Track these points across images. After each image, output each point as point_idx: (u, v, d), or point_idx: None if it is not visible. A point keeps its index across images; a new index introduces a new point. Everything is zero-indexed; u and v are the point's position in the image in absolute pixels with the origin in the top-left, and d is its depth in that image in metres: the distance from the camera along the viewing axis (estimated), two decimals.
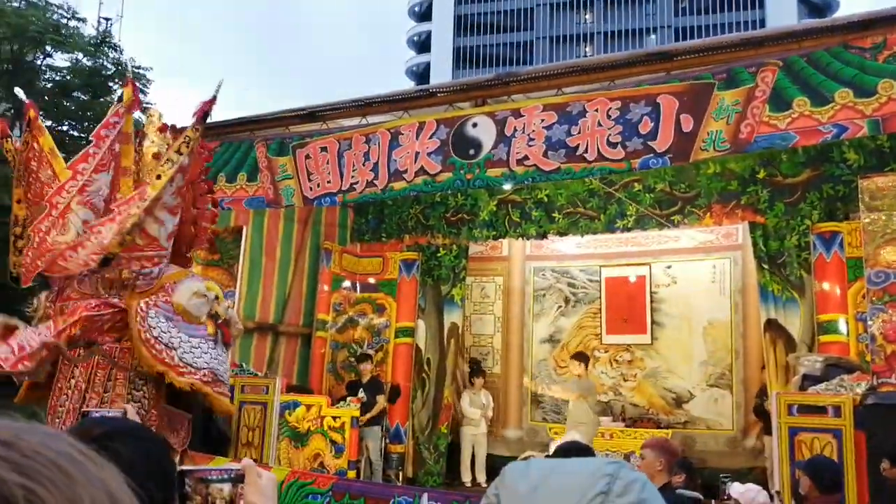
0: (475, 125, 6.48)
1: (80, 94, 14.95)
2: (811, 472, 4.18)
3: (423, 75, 56.31)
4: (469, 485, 9.29)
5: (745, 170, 7.97)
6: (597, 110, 5.92)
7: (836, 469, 4.46)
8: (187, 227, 3.92)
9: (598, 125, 5.89)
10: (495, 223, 9.47)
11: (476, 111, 6.65)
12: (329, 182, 7.10)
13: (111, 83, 15.18)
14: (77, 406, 3.54)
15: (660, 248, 9.95)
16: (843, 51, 5.24)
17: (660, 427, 9.23)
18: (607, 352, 10.11)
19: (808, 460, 4.76)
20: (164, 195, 3.83)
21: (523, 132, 6.19)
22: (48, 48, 14.36)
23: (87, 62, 14.93)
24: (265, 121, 7.98)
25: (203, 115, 4.01)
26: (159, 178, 3.85)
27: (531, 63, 49.57)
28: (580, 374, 9.04)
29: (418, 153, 6.66)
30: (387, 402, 8.97)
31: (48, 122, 13.57)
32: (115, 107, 4.24)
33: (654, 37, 52.12)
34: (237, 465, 1.50)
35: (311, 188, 7.21)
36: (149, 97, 15.25)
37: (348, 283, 9.88)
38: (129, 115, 4.11)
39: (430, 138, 6.64)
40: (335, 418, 7.99)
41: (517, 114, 6.28)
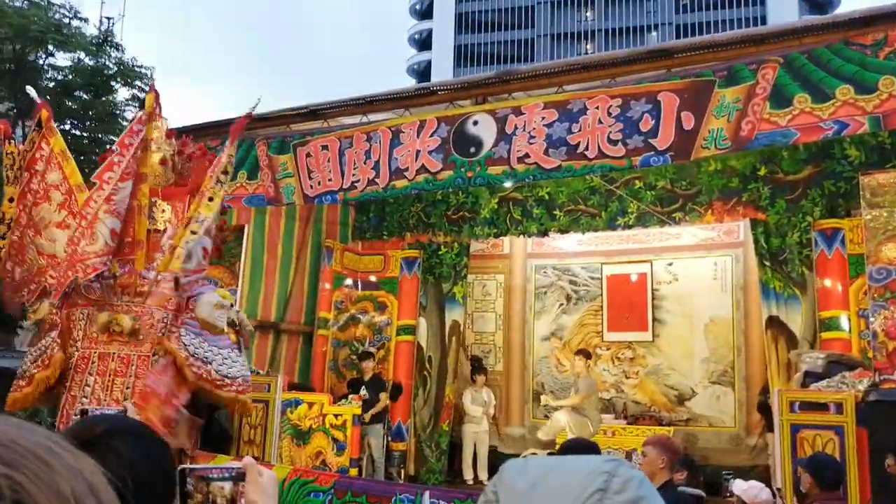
0: (476, 123, 6.48)
1: (82, 94, 14.95)
2: (812, 470, 4.19)
3: (424, 73, 56.28)
4: (471, 482, 9.29)
5: (747, 167, 7.96)
6: (597, 108, 5.92)
7: (837, 467, 4.46)
8: None
9: (599, 123, 5.89)
10: (496, 221, 9.46)
11: (477, 109, 6.65)
12: (330, 180, 7.11)
13: (113, 83, 15.18)
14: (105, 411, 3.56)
15: (661, 245, 9.94)
16: (844, 47, 5.24)
17: (662, 424, 9.22)
18: (609, 349, 10.11)
19: (809, 458, 4.77)
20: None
21: (524, 130, 6.19)
22: (50, 48, 14.36)
23: (90, 62, 14.93)
24: (266, 119, 7.97)
25: (239, 133, 4.04)
26: (211, 200, 3.88)
27: (532, 60, 49.54)
28: (580, 372, 9.04)
29: (419, 151, 6.67)
30: (388, 400, 8.98)
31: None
32: (137, 114, 4.24)
33: (655, 34, 52.06)
34: (238, 464, 1.51)
35: (311, 186, 7.22)
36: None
37: (350, 281, 9.89)
38: (150, 122, 4.12)
39: (431, 136, 6.64)
40: (337, 416, 8.00)
41: (518, 112, 6.28)
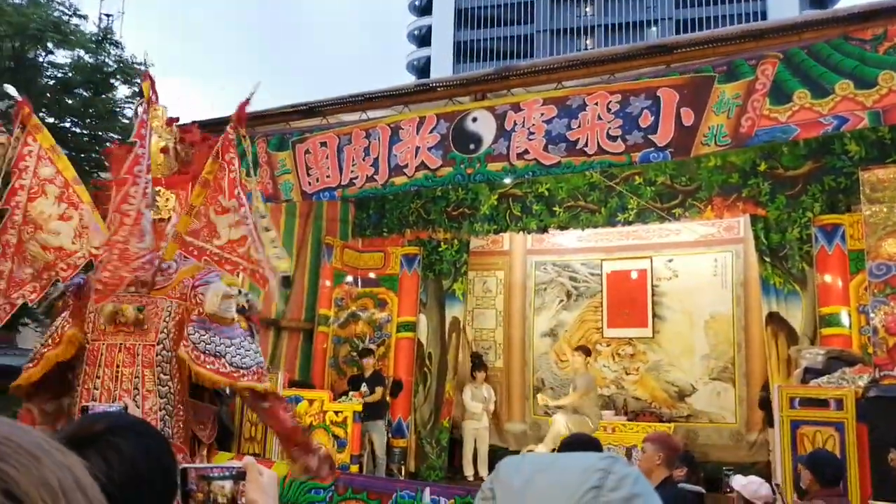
0: (475, 120, 6.47)
1: (82, 91, 14.95)
2: (812, 466, 4.19)
3: (423, 69, 56.23)
4: (471, 479, 9.30)
5: (746, 162, 7.95)
6: (597, 104, 5.91)
7: (837, 463, 4.47)
8: None
9: (598, 119, 5.88)
10: (496, 217, 9.46)
11: (476, 105, 6.64)
12: (328, 177, 7.10)
13: (113, 80, 15.17)
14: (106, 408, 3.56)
15: (661, 241, 9.93)
16: (844, 42, 5.23)
17: (662, 421, 9.22)
18: (609, 345, 10.11)
19: (809, 454, 4.77)
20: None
21: (523, 126, 6.19)
22: (49, 45, 14.35)
23: (89, 59, 14.93)
24: (265, 116, 7.98)
25: (240, 118, 4.00)
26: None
27: (532, 56, 49.47)
28: (578, 369, 9.03)
29: (419, 148, 6.66)
30: (389, 397, 9.00)
31: (50, 120, 13.57)
32: (137, 103, 4.25)
33: (654, 29, 51.99)
34: (238, 463, 1.51)
35: (309, 183, 7.22)
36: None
37: (350, 278, 9.89)
38: (151, 109, 4.12)
39: (430, 133, 6.63)
40: (337, 413, 8.01)
41: (517, 108, 6.27)
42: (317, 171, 7.16)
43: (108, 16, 19.57)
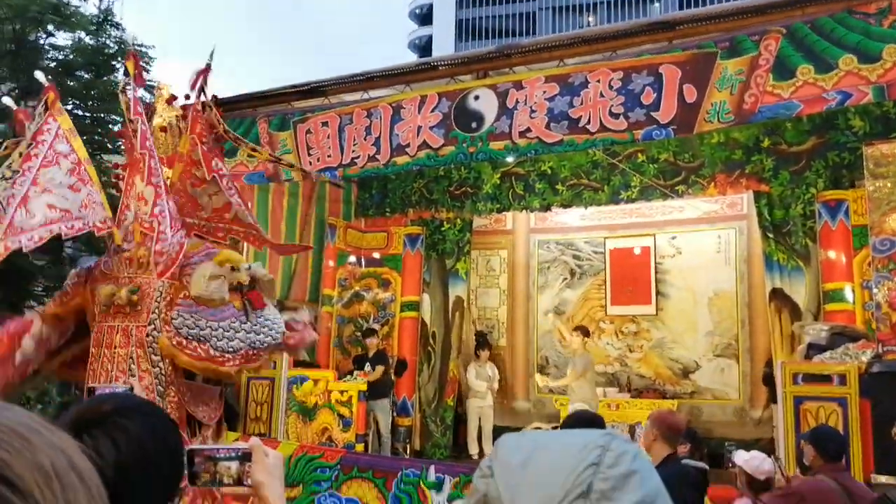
0: (477, 98, 6.44)
1: (83, 73, 14.90)
2: (815, 442, 4.21)
3: (425, 48, 55.84)
4: (476, 457, 9.36)
5: (750, 138, 7.90)
6: (599, 81, 5.87)
7: (840, 439, 4.48)
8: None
9: (601, 96, 5.85)
10: (499, 196, 9.44)
11: (478, 84, 6.61)
12: (329, 156, 7.09)
13: (114, 62, 15.10)
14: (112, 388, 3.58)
15: (664, 218, 9.91)
16: (848, 16, 5.18)
17: (665, 397, 9.25)
18: (612, 323, 10.12)
19: (811, 430, 4.78)
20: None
21: (525, 104, 6.15)
22: (50, 27, 14.28)
23: (90, 41, 14.86)
24: (267, 97, 7.96)
25: (198, 87, 3.99)
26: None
27: (534, 33, 49.08)
28: (576, 350, 9.03)
29: (420, 127, 6.64)
30: (394, 376, 9.04)
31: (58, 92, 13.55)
32: (124, 82, 4.25)
33: (657, 4, 51.50)
34: (244, 444, 1.53)
35: (310, 163, 7.20)
36: (151, 75, 15.21)
37: (353, 259, 9.90)
38: (138, 86, 4.13)
39: (431, 112, 6.61)
40: (342, 392, 8.05)
41: (519, 86, 6.24)
42: (317, 151, 7.14)
43: None
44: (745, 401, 9.16)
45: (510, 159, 8.32)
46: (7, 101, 4.68)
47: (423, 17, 59.37)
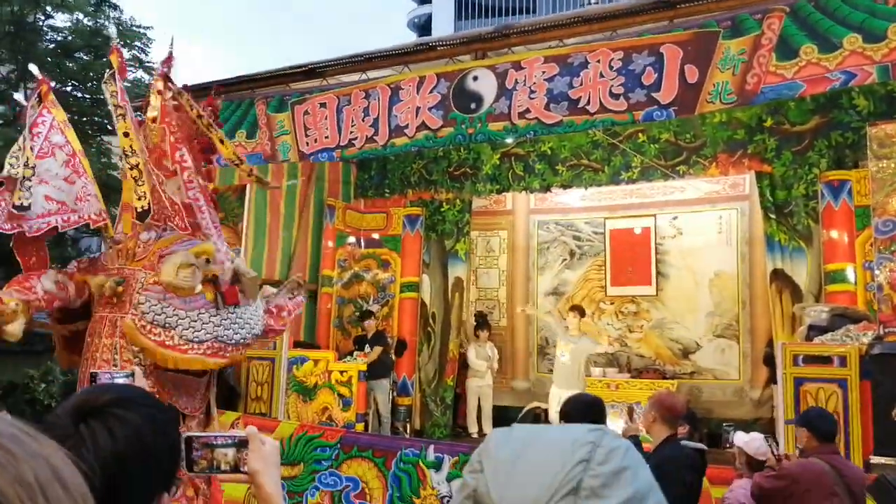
0: (476, 79, 6.38)
1: (82, 55, 14.84)
2: (807, 424, 4.20)
3: (424, 27, 55.40)
4: (476, 436, 9.41)
5: (752, 118, 7.83)
6: (599, 61, 5.81)
7: (831, 419, 4.47)
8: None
9: (601, 76, 5.79)
10: (498, 177, 9.40)
11: (476, 64, 6.55)
12: (326, 137, 7.04)
13: (112, 43, 15.04)
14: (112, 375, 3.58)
15: (665, 199, 9.87)
16: None
17: (665, 378, 9.26)
18: (612, 304, 10.12)
19: (801, 414, 4.78)
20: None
21: (524, 85, 6.10)
22: (48, 9, 14.21)
23: (88, 23, 14.79)
24: (265, 78, 7.91)
25: (163, 76, 3.96)
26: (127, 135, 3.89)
27: (535, 12, 48.69)
28: (572, 330, 9.00)
29: (419, 108, 6.59)
30: (394, 356, 9.07)
31: (52, 84, 13.50)
32: (108, 74, 4.21)
33: None
34: (241, 432, 1.53)
35: (307, 143, 7.17)
36: (150, 56, 15.15)
37: (353, 239, 9.88)
38: (122, 79, 4.10)
39: (430, 93, 6.55)
40: (342, 372, 8.07)
41: (518, 66, 6.18)
42: (315, 132, 7.10)
43: None
44: (745, 381, 9.17)
45: (509, 140, 8.28)
46: (33, 68, 4.68)
47: None
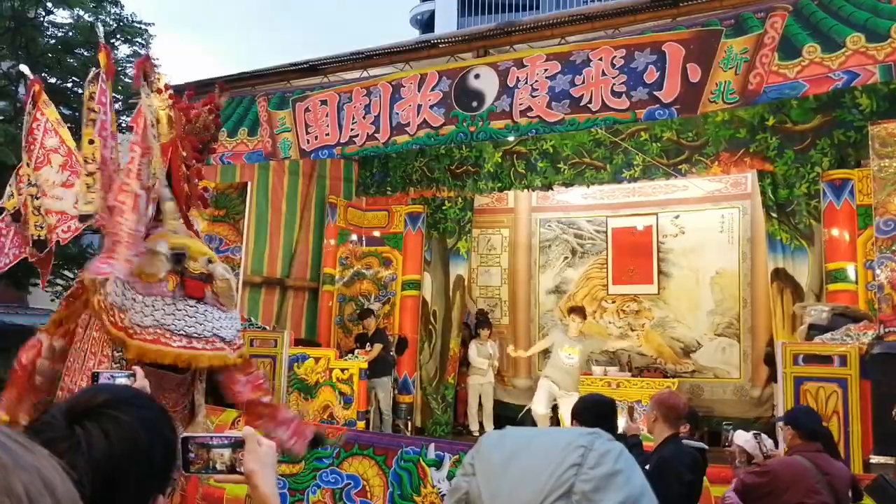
0: (477, 76, 6.37)
1: (82, 51, 14.83)
2: (793, 422, 4.21)
3: (427, 23, 55.37)
4: (477, 434, 9.41)
5: (754, 117, 7.82)
6: (601, 59, 5.79)
7: (816, 418, 4.47)
8: (180, 186, 3.86)
9: (603, 75, 5.77)
10: (500, 175, 9.40)
11: (478, 62, 6.54)
12: (327, 135, 7.04)
13: (113, 39, 15.01)
14: (80, 366, 3.57)
15: (667, 197, 9.86)
16: None
17: (666, 376, 9.26)
18: (614, 302, 10.11)
19: (788, 412, 4.79)
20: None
21: (526, 83, 6.08)
22: (49, 4, 14.20)
23: (89, 18, 14.77)
24: (266, 75, 7.91)
25: (142, 74, 3.93)
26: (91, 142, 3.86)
27: (537, 8, 48.63)
28: (573, 332, 8.99)
29: (420, 106, 6.58)
30: (395, 354, 9.08)
31: (52, 80, 13.48)
32: (93, 73, 4.17)
33: None
34: (238, 433, 1.53)
35: (308, 140, 7.16)
36: (151, 52, 15.11)
37: (354, 237, 9.89)
38: (109, 81, 4.08)
39: (432, 90, 6.54)
40: (343, 370, 8.08)
41: (520, 64, 6.16)
42: (315, 129, 7.10)
43: None
44: (746, 380, 9.17)
45: (511, 138, 8.27)
46: (24, 68, 4.67)
47: None
